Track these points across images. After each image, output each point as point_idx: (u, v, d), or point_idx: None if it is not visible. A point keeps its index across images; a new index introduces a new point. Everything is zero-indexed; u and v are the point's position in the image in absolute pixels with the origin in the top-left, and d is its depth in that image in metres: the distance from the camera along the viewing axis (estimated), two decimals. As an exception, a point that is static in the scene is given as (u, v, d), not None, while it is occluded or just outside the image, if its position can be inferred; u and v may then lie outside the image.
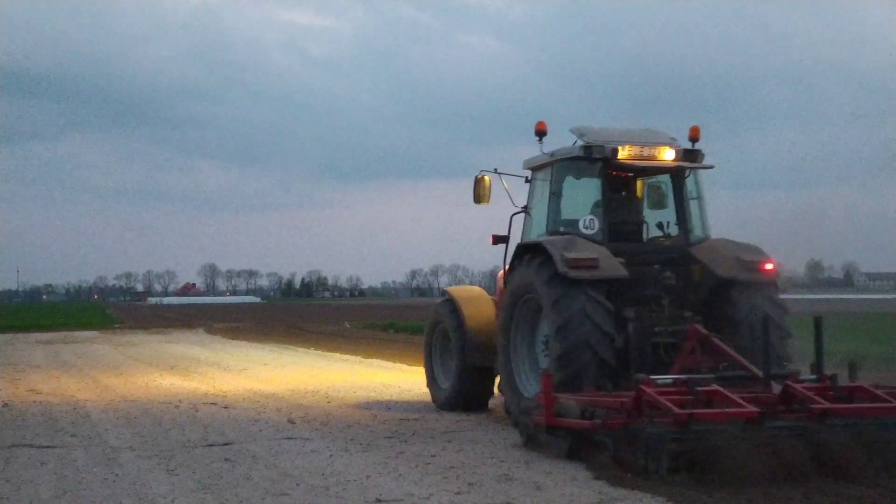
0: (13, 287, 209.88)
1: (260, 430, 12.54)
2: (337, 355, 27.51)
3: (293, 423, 13.27)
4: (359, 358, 26.04)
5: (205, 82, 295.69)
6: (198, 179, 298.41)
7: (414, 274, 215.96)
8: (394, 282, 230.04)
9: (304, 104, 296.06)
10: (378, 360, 24.74)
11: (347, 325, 50.26)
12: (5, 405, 15.55)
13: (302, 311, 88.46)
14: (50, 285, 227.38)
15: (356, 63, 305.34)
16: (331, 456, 10.54)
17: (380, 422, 13.33)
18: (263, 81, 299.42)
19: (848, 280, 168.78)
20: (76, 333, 44.19)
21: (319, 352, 29.36)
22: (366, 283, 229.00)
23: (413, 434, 12.14)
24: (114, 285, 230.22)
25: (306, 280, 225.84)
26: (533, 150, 13.41)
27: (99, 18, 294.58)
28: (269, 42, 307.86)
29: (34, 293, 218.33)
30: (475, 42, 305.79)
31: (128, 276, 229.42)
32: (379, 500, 8.34)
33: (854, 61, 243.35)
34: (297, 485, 9.02)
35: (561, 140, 13.23)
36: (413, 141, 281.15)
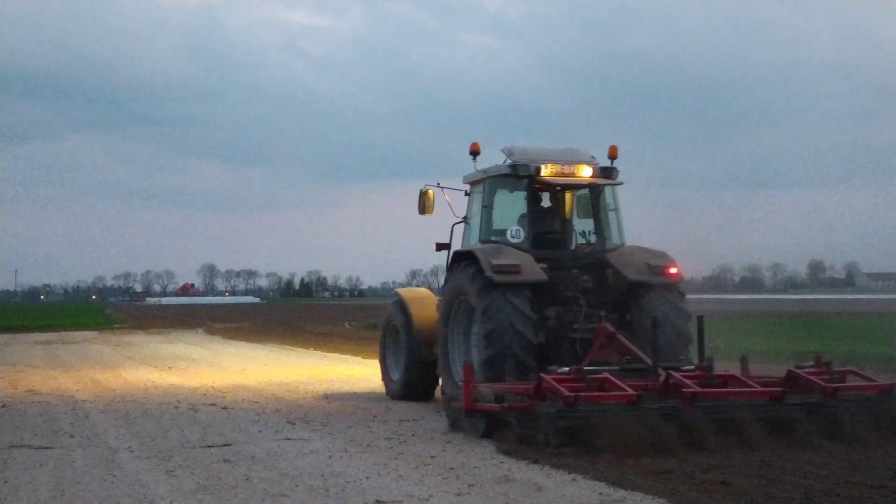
0: (11, 287, 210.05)
1: (259, 431, 12.53)
2: (336, 356, 27.52)
3: (292, 423, 13.26)
4: (358, 358, 26.02)
5: (204, 81, 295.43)
6: (197, 179, 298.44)
7: (414, 274, 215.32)
8: (394, 282, 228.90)
9: (304, 104, 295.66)
10: (377, 361, 24.65)
11: (347, 326, 50.27)
12: (4, 405, 15.55)
13: (301, 311, 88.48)
14: (48, 285, 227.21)
15: (356, 63, 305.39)
16: (330, 457, 10.53)
17: (379, 422, 13.33)
18: (263, 81, 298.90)
19: (849, 280, 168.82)
20: (75, 334, 44.20)
21: (319, 352, 29.36)
22: (366, 283, 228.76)
23: (413, 435, 12.14)
24: (112, 285, 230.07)
25: (306, 280, 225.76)
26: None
27: (98, 18, 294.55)
28: (268, 41, 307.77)
29: (33, 293, 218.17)
30: (474, 41, 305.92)
31: (126, 276, 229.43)
32: (379, 501, 8.32)
33: (854, 61, 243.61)
34: (297, 486, 9.00)
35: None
36: (412, 140, 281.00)
